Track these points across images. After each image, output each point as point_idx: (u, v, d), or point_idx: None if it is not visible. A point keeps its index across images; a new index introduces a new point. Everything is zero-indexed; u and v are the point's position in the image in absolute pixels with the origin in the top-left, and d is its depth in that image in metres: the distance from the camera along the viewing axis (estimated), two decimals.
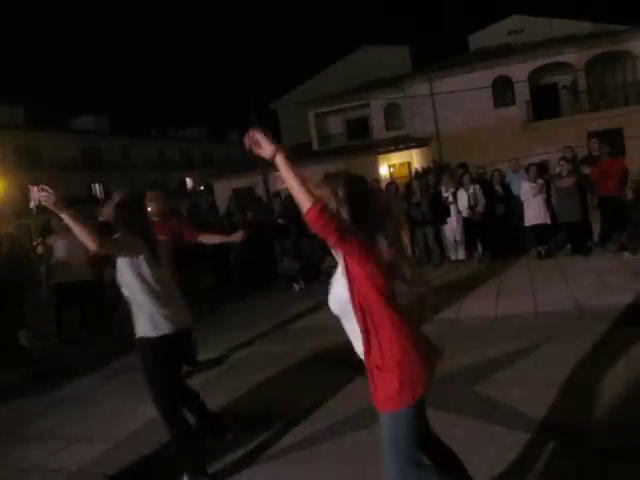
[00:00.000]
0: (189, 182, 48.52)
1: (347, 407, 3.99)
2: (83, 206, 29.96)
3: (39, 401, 5.32)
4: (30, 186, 3.12)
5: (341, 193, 2.22)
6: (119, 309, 8.74)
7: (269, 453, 3.54)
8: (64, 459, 3.92)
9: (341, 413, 3.92)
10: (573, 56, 23.71)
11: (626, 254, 7.99)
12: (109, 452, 3.92)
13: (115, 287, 3.53)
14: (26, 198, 3.27)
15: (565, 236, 9.07)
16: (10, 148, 32.92)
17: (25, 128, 34.83)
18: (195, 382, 5.12)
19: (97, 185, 39.36)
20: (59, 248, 7.94)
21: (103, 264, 8.69)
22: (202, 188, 42.76)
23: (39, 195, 3.08)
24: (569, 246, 8.86)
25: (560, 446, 3.10)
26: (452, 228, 9.67)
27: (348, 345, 2.29)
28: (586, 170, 8.79)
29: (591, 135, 14.82)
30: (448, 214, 9.62)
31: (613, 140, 12.58)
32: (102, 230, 3.69)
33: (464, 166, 10.94)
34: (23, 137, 34.02)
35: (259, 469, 3.39)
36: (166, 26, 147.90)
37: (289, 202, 10.73)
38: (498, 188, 9.67)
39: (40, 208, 3.09)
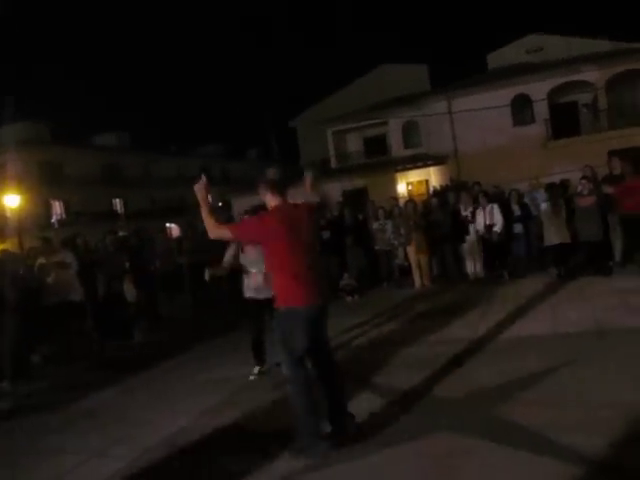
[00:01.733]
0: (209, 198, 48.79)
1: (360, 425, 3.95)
2: (104, 221, 30.54)
3: (55, 415, 5.36)
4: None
5: None
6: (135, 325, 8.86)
7: (282, 473, 3.51)
8: (80, 475, 3.93)
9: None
10: (593, 74, 23.60)
11: None
12: (124, 469, 3.92)
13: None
14: (48, 213, 3.34)
15: (586, 256, 8.97)
16: (34, 163, 33.54)
17: (49, 144, 35.50)
18: (211, 400, 5.15)
19: (117, 200, 39.88)
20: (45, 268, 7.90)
21: (122, 280, 8.80)
22: (220, 204, 43.09)
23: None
24: (590, 266, 8.75)
25: (585, 474, 3.03)
26: (471, 246, 9.62)
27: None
28: (607, 189, 8.71)
29: (611, 154, 14.69)
30: (467, 232, 9.58)
31: (634, 158, 12.40)
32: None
33: (478, 185, 10.90)
34: (47, 153, 34.66)
35: None
36: (187, 44, 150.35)
37: None
38: (515, 208, 9.62)
39: (61, 222, 3.16)
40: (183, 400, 5.30)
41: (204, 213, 3.77)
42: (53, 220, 34.75)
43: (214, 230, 3.78)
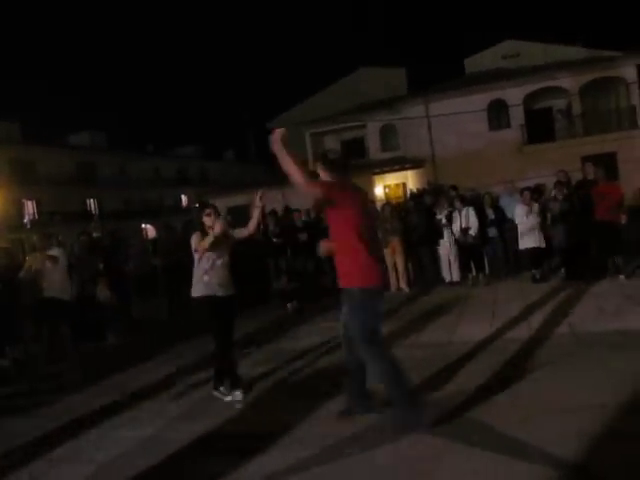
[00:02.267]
0: (185, 199, 48.52)
1: (336, 430, 3.92)
2: (78, 222, 30.04)
3: (27, 418, 5.22)
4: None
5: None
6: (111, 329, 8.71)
7: (262, 474, 3.44)
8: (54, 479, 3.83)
9: (331, 436, 3.84)
10: (567, 81, 23.97)
11: (621, 278, 7.99)
12: (98, 472, 3.82)
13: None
14: (20, 213, 3.24)
15: (560, 260, 9.07)
16: (4, 162, 32.86)
17: (20, 142, 34.82)
18: (181, 404, 5.06)
19: (92, 200, 39.30)
20: (39, 265, 7.75)
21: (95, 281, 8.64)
22: (197, 205, 42.80)
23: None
24: (563, 270, 8.84)
25: (564, 478, 3.03)
26: (446, 250, 9.67)
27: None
28: (580, 194, 8.82)
29: (585, 159, 14.92)
30: (441, 236, 9.62)
31: (607, 164, 12.62)
32: None
33: (454, 188, 10.97)
34: (18, 151, 34.00)
35: None
36: (164, 43, 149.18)
37: (284, 222, 10.74)
38: (489, 211, 9.69)
39: (33, 223, 3.07)
40: (158, 403, 5.20)
41: (291, 165, 3.50)
42: (25, 220, 34.08)
43: (306, 185, 3.52)
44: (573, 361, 4.84)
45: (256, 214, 5.16)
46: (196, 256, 5.11)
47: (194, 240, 5.05)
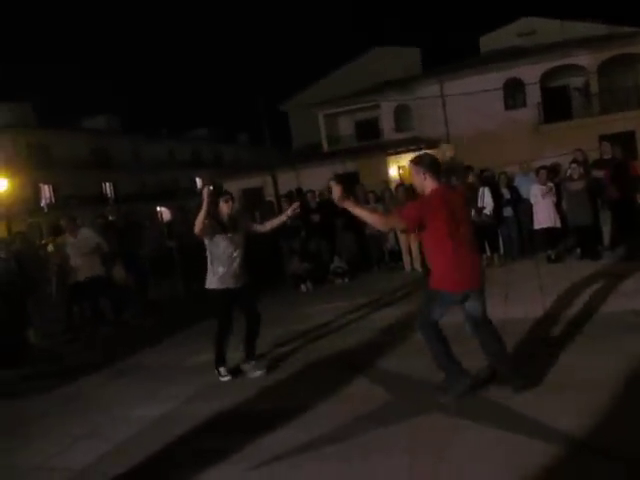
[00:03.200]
0: (199, 182, 48.66)
1: (350, 409, 3.98)
2: (94, 205, 30.31)
3: (43, 399, 5.34)
4: None
5: None
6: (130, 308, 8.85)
7: (274, 453, 3.51)
8: (68, 458, 3.92)
9: (344, 415, 3.90)
10: (585, 58, 23.55)
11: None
12: (113, 451, 3.92)
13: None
14: (37, 197, 3.27)
15: (575, 240, 8.99)
16: (21, 146, 33.16)
17: (36, 126, 35.06)
18: (200, 383, 5.14)
19: (108, 184, 39.58)
20: (70, 247, 8.01)
21: (112, 262, 8.76)
22: (212, 188, 42.82)
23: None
24: (579, 250, 8.78)
25: (569, 453, 3.06)
26: None
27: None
28: (597, 173, 8.71)
29: (603, 138, 14.72)
30: None
31: (625, 143, 12.42)
32: None
33: (469, 169, 10.86)
34: (34, 135, 34.26)
35: (265, 469, 3.37)
36: (178, 26, 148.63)
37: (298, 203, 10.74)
38: (505, 191, 9.60)
39: (50, 206, 3.12)
40: (171, 384, 5.28)
41: (366, 217, 3.92)
42: (42, 204, 34.46)
43: (385, 224, 4.07)
44: (587, 341, 4.82)
45: (281, 219, 5.34)
46: (206, 242, 4.99)
47: (196, 224, 4.84)
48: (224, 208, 5.01)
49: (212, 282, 5.01)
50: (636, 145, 20.81)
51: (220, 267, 4.95)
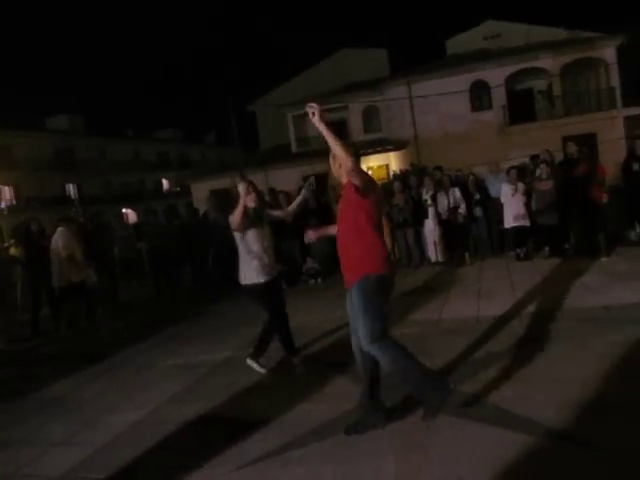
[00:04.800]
0: (165, 183, 48.06)
1: (332, 408, 3.97)
2: (57, 207, 29.59)
3: (18, 404, 5.20)
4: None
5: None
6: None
7: (258, 454, 3.48)
8: (45, 465, 3.81)
9: (326, 414, 3.89)
10: (548, 62, 24.05)
11: (603, 256, 8.12)
12: (91, 457, 3.82)
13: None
14: None
15: (543, 238, 9.18)
16: None
17: None
18: (178, 385, 5.06)
19: (71, 185, 38.73)
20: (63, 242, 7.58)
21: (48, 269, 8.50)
22: (179, 189, 42.38)
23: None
24: (547, 249, 8.96)
25: (552, 445, 3.11)
26: (430, 230, 9.72)
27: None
28: (563, 173, 8.91)
29: (566, 139, 15.05)
30: (426, 216, 9.67)
31: (587, 145, 12.71)
32: None
33: (439, 169, 11.01)
34: None
35: (248, 470, 3.33)
36: (144, 24, 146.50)
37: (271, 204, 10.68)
38: (474, 191, 9.75)
39: (11, 208, 2.99)
40: (147, 387, 5.20)
41: (337, 142, 3.41)
42: (2, 206, 33.49)
43: (354, 167, 3.42)
44: (562, 337, 4.92)
45: (299, 200, 5.30)
46: (237, 237, 4.94)
47: (234, 219, 4.80)
48: (250, 201, 4.95)
49: (251, 277, 4.91)
50: (597, 146, 21.34)
51: (255, 260, 4.89)
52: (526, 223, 8.97)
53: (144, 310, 9.57)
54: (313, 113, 3.46)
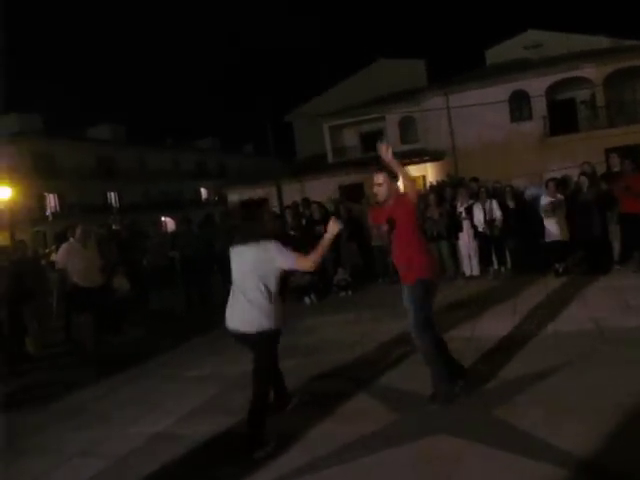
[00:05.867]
0: (204, 192, 48.70)
1: (353, 428, 3.83)
2: (98, 214, 30.28)
3: (40, 412, 5.21)
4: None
5: None
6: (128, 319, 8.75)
7: (278, 473, 3.38)
8: (59, 476, 3.79)
9: (347, 434, 3.75)
10: (591, 71, 23.46)
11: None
12: (106, 470, 3.78)
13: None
14: (42, 206, 3.15)
15: (584, 253, 8.84)
16: (26, 155, 33.24)
17: (42, 135, 35.15)
18: (201, 398, 5.00)
19: (112, 194, 39.62)
20: (76, 253, 7.78)
21: (112, 273, 8.65)
22: (216, 198, 42.87)
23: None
24: (587, 264, 8.61)
25: (577, 474, 2.91)
26: (465, 243, 9.49)
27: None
28: (605, 186, 8.58)
29: (609, 151, 14.55)
30: (460, 229, 9.44)
31: (631, 157, 12.25)
32: None
33: (476, 180, 10.76)
34: (40, 145, 34.35)
35: None
36: (184, 36, 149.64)
37: (303, 214, 10.63)
38: (510, 203, 9.48)
39: (55, 215, 2.94)
40: (171, 398, 5.15)
41: (403, 172, 4.37)
42: (47, 213, 34.49)
43: (413, 188, 4.35)
44: (597, 358, 4.68)
45: (325, 245, 4.03)
46: (275, 273, 3.95)
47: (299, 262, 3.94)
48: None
49: (277, 321, 4.01)
50: None
51: (279, 301, 4.05)
52: (565, 237, 8.65)
53: (174, 319, 9.59)
54: (386, 150, 4.26)
